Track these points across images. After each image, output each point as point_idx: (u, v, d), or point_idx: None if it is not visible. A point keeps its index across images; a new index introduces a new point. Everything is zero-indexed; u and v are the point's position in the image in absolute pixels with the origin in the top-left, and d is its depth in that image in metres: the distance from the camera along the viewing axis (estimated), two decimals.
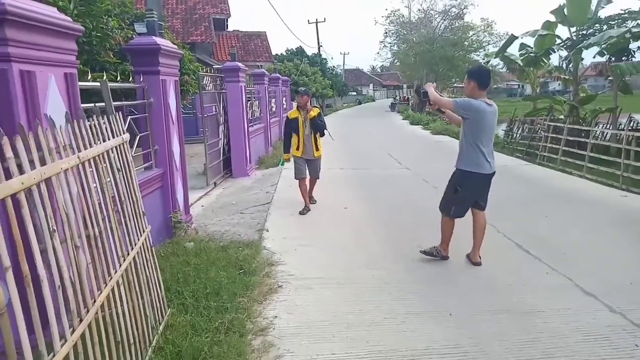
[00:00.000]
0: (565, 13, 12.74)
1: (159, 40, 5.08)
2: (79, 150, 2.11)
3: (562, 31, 13.76)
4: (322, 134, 6.33)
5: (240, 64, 9.30)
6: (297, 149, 6.28)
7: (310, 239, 5.13)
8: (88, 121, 2.55)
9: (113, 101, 4.12)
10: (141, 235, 2.91)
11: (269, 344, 2.96)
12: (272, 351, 2.88)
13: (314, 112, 6.20)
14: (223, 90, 9.24)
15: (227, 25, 22.25)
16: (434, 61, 36.69)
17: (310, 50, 39.43)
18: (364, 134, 18.59)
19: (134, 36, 7.54)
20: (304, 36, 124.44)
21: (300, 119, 6.23)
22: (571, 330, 3.07)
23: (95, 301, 2.06)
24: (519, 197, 6.98)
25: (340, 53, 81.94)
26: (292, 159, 6.44)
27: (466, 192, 4.21)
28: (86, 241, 2.08)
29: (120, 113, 3.23)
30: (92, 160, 2.27)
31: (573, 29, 12.95)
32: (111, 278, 2.31)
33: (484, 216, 4.32)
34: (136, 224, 2.86)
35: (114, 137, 2.67)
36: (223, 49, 22.14)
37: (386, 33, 41.92)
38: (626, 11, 11.37)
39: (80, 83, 3.51)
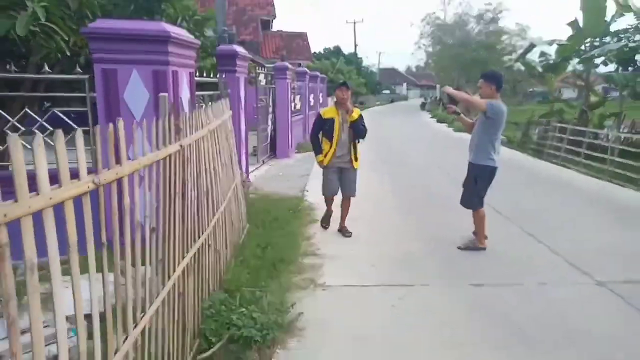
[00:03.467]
0: (581, 25, 13.98)
1: (237, 47, 7.00)
2: (219, 117, 3.97)
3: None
4: (359, 141, 5.13)
5: (288, 64, 11.18)
6: (326, 156, 5.05)
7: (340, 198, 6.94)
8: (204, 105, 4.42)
9: (201, 91, 6.03)
10: (238, 172, 4.80)
11: (311, 243, 4.83)
12: (312, 245, 4.74)
13: (356, 114, 4.90)
14: (272, 86, 11.14)
15: (272, 25, 24.25)
16: (467, 64, 37.72)
17: (347, 49, 41.18)
18: (391, 129, 20.26)
19: (200, 39, 9.50)
20: (341, 34, 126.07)
21: (337, 120, 4.92)
22: (514, 258, 4.56)
23: (227, 196, 3.93)
24: (510, 181, 8.53)
25: (376, 52, 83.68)
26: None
27: (483, 184, 4.61)
28: (222, 167, 3.95)
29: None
30: (223, 122, 4.14)
31: (587, 40, 14.16)
32: (229, 189, 4.18)
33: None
34: (236, 166, 4.74)
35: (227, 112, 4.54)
36: (268, 47, 24.18)
37: (422, 34, 43.26)
38: (633, 26, 12.56)
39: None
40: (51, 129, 4.32)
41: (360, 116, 5.00)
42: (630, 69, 12.93)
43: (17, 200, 1.07)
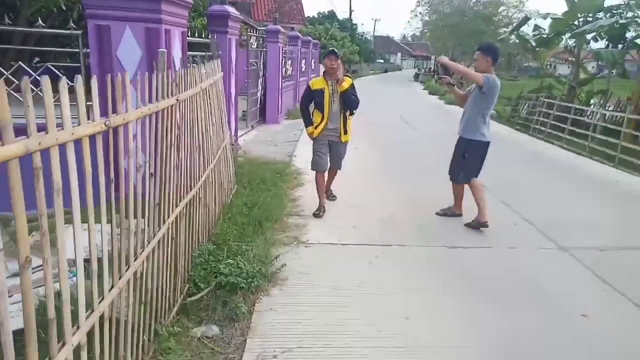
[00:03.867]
0: (575, 0, 13.97)
1: (229, 8, 6.97)
2: (211, 77, 4.07)
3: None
4: (353, 113, 4.83)
5: (280, 28, 11.09)
6: (317, 129, 4.79)
7: None
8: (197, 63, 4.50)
9: (191, 51, 6.07)
10: (227, 133, 4.93)
11: (296, 205, 5.04)
12: (298, 207, 4.96)
13: (346, 84, 4.60)
14: (264, 49, 11.08)
15: None
16: (463, 34, 37.42)
17: (342, 15, 40.45)
18: (383, 99, 20.28)
19: None
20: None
21: (326, 91, 4.65)
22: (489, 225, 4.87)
23: (216, 154, 4.09)
24: (494, 154, 8.76)
25: (372, 19, 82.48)
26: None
27: (472, 159, 4.58)
28: (213, 126, 4.09)
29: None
30: (214, 83, 4.24)
31: (581, 15, 14.19)
32: (219, 149, 4.33)
33: (480, 182, 4.70)
34: (225, 127, 4.87)
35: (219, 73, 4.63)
36: (260, 9, 23.70)
37: (419, 2, 42.63)
38: (625, 2, 12.61)
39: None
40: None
41: (352, 86, 4.69)
42: (620, 46, 13.06)
43: (48, 132, 1.25)
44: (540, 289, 3.47)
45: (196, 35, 6.57)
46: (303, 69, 16.39)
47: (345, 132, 4.84)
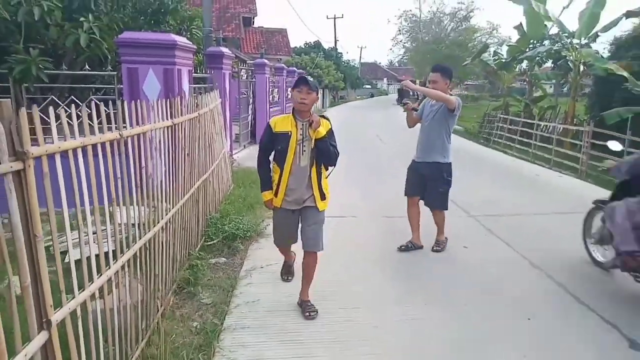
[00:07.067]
0: (525, 30, 16.02)
1: (223, 49, 8.73)
2: (213, 102, 5.73)
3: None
4: (328, 166, 3.43)
5: (266, 61, 12.92)
6: (275, 192, 3.37)
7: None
8: (202, 94, 6.17)
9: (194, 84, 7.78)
10: (226, 144, 6.57)
11: None
12: None
13: (324, 129, 3.22)
14: (253, 80, 12.87)
15: (253, 22, 25.83)
16: (440, 60, 39.86)
17: (327, 44, 42.86)
18: (363, 120, 22.18)
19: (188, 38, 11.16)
20: (322, 30, 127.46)
21: (293, 135, 3.21)
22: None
23: (219, 155, 5.70)
24: None
25: (357, 47, 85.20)
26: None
27: (450, 180, 4.56)
28: (216, 135, 5.72)
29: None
30: (214, 108, 5.90)
31: (531, 43, 16.24)
32: (220, 152, 5.95)
33: None
34: (224, 138, 6.51)
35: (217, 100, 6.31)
36: (249, 43, 25.78)
37: (399, 30, 45.38)
38: (558, 32, 14.67)
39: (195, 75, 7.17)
40: (89, 111, 6.04)
41: (330, 132, 3.28)
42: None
43: (127, 127, 2.85)
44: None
45: (197, 71, 8.28)
46: (289, 96, 18.26)
47: (323, 197, 3.37)
